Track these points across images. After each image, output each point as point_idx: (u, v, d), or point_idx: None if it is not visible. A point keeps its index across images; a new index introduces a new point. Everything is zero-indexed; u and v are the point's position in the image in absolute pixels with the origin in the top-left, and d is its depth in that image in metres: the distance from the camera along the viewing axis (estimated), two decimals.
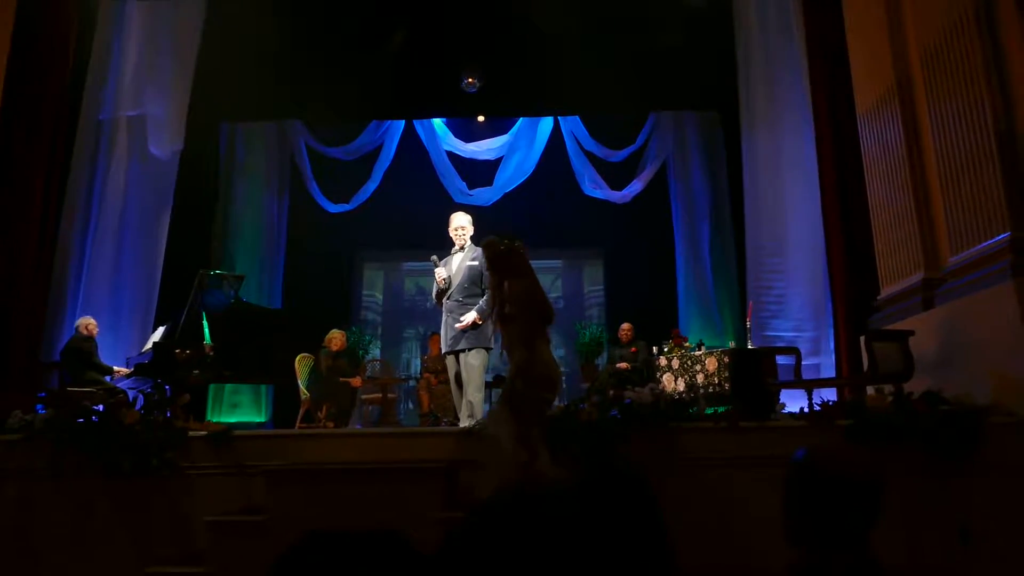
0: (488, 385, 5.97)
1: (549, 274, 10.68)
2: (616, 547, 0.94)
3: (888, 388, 4.00)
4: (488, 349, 4.57)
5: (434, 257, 4.90)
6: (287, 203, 9.16)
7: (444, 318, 4.73)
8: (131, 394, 5.12)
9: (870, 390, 4.19)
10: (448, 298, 4.73)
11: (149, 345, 5.76)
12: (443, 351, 4.73)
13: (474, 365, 4.47)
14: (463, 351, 4.55)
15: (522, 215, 9.14)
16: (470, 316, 4.51)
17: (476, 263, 4.61)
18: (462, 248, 4.84)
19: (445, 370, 7.29)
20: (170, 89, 7.27)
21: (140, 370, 5.48)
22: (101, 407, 4.03)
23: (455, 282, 4.71)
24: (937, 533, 3.34)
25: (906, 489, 3.34)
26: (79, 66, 6.76)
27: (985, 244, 4.02)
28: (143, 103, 7.27)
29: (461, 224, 4.88)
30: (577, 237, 9.52)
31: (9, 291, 5.62)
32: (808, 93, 6.37)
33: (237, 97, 7.90)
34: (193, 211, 8.06)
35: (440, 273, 4.77)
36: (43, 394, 5.23)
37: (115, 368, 6.02)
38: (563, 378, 4.59)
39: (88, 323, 6.12)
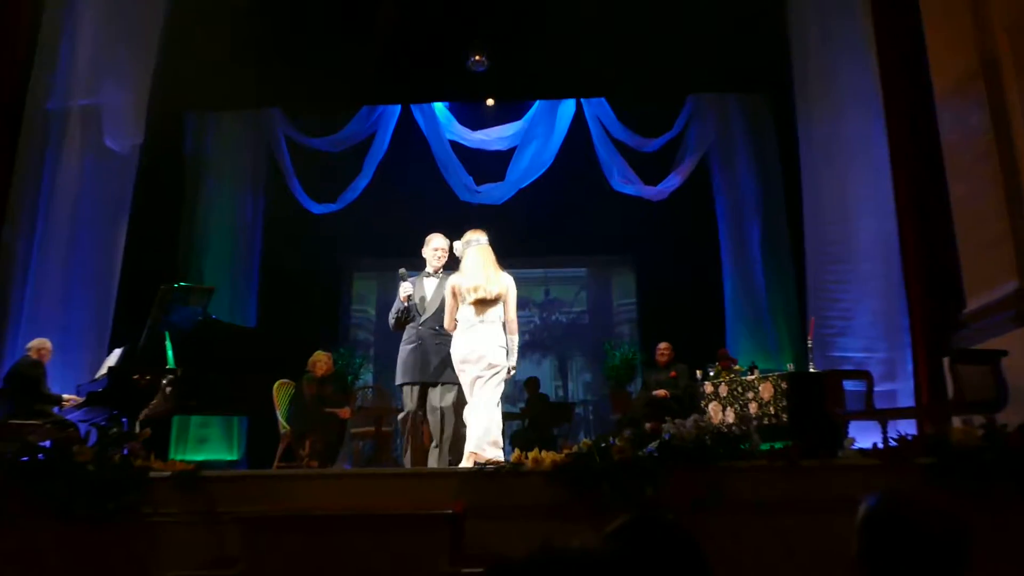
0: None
1: (572, 285, 10.72)
2: None
3: (977, 419, 3.97)
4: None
5: (403, 270, 5.05)
6: (263, 204, 9.26)
7: (414, 344, 4.89)
8: (83, 428, 5.16)
9: (956, 422, 4.15)
10: (421, 324, 4.93)
11: (104, 370, 5.78)
12: (411, 380, 4.87)
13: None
14: (447, 383, 4.79)
15: (539, 215, 9.20)
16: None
17: None
18: (436, 272, 5.06)
19: None
20: (129, 74, 7.34)
21: (93, 399, 5.51)
22: (49, 443, 4.06)
23: (429, 308, 4.95)
24: None
25: (998, 539, 3.29)
26: (27, 47, 6.85)
27: None
28: (98, 90, 7.32)
29: (443, 246, 5.08)
30: (604, 241, 9.56)
31: None
32: (876, 74, 6.36)
33: (206, 82, 7.99)
34: (155, 214, 8.14)
35: (406, 288, 4.94)
36: None
37: (64, 397, 6.01)
38: (581, 408, 4.88)
39: (42, 346, 6.09)
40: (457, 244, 4.85)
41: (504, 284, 4.60)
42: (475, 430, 4.43)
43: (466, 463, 4.35)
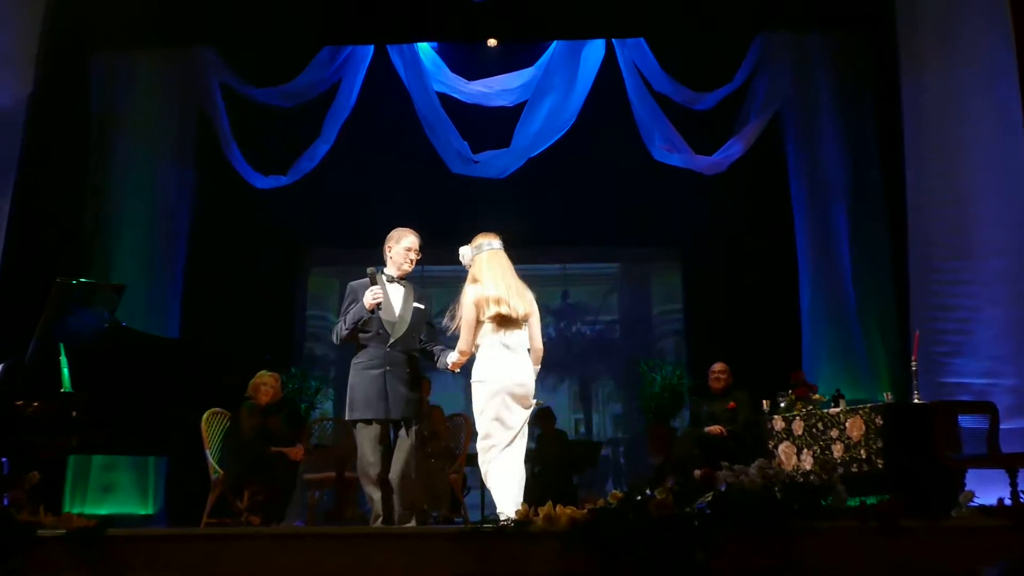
0: None
1: (598, 286, 10.73)
2: None
3: None
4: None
5: (373, 269, 5.15)
6: (192, 176, 9.25)
7: (379, 371, 5.01)
8: None
9: None
10: (390, 346, 5.05)
11: None
12: (373, 415, 4.99)
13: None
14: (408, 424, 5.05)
15: (555, 194, 9.19)
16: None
17: (423, 307, 5.22)
18: (402, 279, 5.21)
19: (434, 436, 7.43)
20: (13, 7, 7.33)
21: None
22: None
23: (400, 327, 5.11)
24: None
25: None
26: None
27: None
28: None
29: (414, 246, 5.23)
30: (642, 229, 9.56)
31: None
32: (1008, 12, 6.32)
33: (115, 15, 7.98)
34: (49, 187, 8.15)
35: (376, 294, 5.05)
36: None
37: None
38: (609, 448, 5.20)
39: None
40: (465, 250, 4.99)
41: (530, 301, 4.89)
42: (513, 489, 4.63)
43: None
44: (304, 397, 8.75)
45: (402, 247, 5.20)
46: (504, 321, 4.79)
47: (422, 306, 5.21)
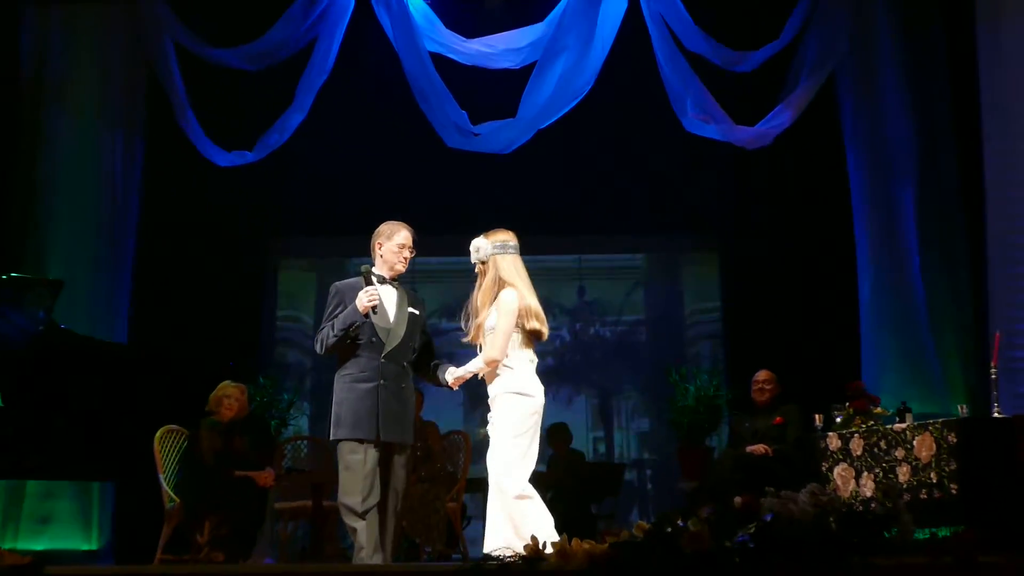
0: None
1: (620, 280, 10.74)
2: None
3: None
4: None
5: (368, 267, 5.18)
6: (141, 151, 9.25)
7: (373, 384, 5.04)
8: None
9: None
10: (384, 356, 5.09)
11: None
12: (366, 435, 5.02)
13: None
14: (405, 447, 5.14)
15: (568, 173, 9.23)
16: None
17: (418, 312, 5.29)
18: (395, 280, 5.23)
19: (428, 457, 7.43)
20: None
21: None
22: None
23: (395, 334, 5.16)
24: None
25: None
26: None
27: None
28: None
29: (409, 243, 5.24)
30: (672, 214, 9.58)
31: None
32: None
33: None
34: None
35: (372, 296, 5.04)
36: None
37: None
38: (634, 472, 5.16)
39: None
40: (483, 244, 5.01)
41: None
42: (545, 520, 4.73)
43: None
44: (275, 412, 8.76)
45: (395, 244, 5.20)
46: (536, 337, 4.97)
47: (417, 312, 5.25)
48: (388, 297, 5.19)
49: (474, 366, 4.96)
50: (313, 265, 10.03)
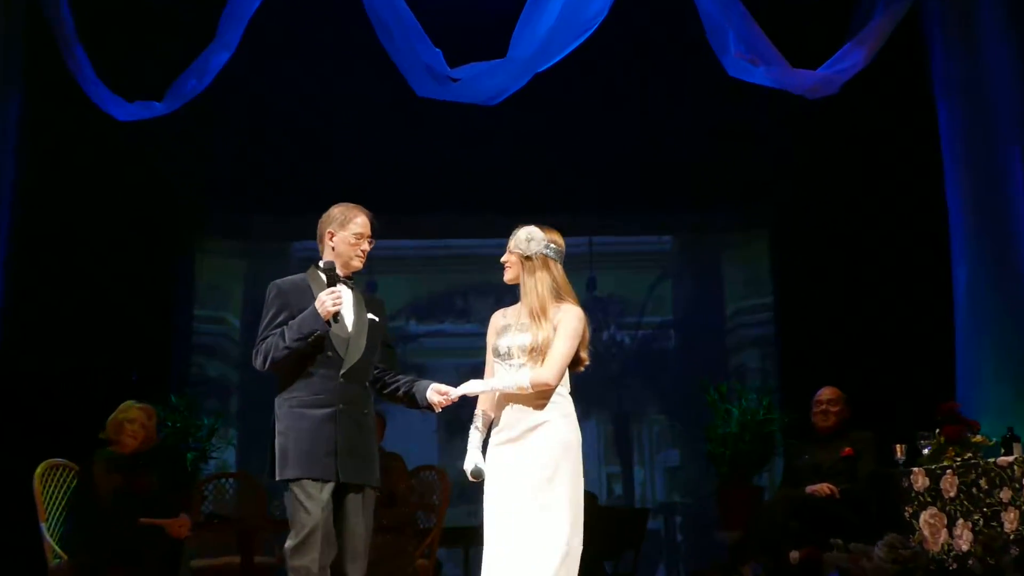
0: None
1: (643, 269, 10.74)
2: None
3: None
4: None
5: (331, 263, 5.14)
6: (18, 103, 9.16)
7: (329, 409, 5.02)
8: None
9: None
10: (343, 374, 5.06)
11: None
12: (321, 475, 4.98)
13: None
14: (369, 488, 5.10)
15: (575, 132, 9.20)
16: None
17: (378, 318, 5.33)
18: (349, 278, 5.22)
19: (392, 500, 7.40)
20: None
21: None
22: None
23: (355, 349, 5.17)
24: None
25: None
26: None
27: None
28: None
29: (367, 230, 5.24)
30: (709, 185, 9.62)
31: None
32: None
33: None
34: None
35: (335, 298, 5.02)
36: None
37: None
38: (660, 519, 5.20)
39: None
40: (536, 234, 5.01)
41: None
42: None
43: None
44: (192, 442, 8.77)
45: (350, 233, 5.17)
46: (578, 367, 5.11)
47: (377, 318, 5.27)
48: (343, 300, 5.14)
49: (501, 383, 4.93)
50: (241, 251, 10.01)
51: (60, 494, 6.71)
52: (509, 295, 5.16)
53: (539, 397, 4.90)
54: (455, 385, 5.02)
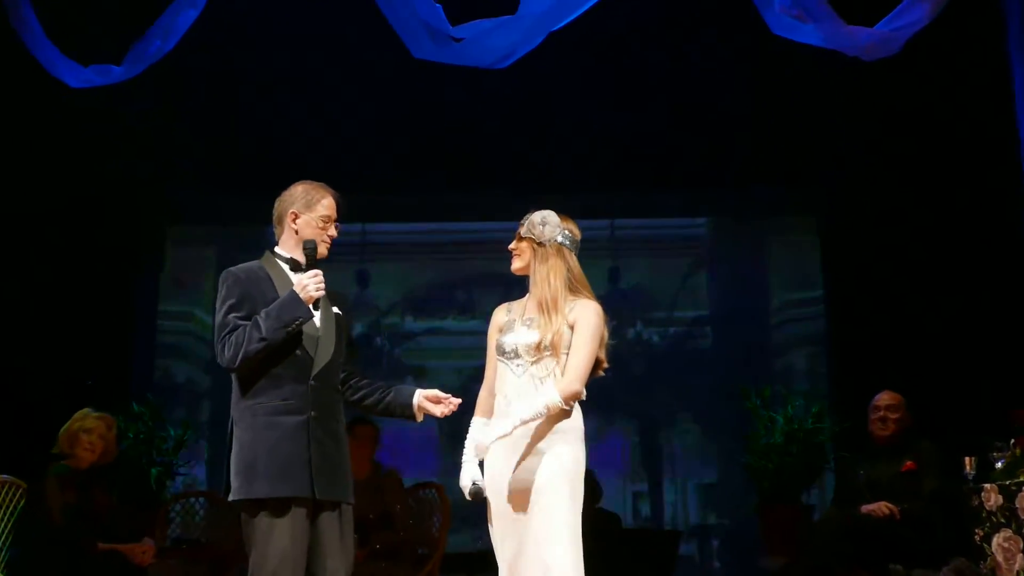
0: None
1: (674, 256, 10.77)
2: None
3: None
4: None
5: (312, 242, 5.14)
6: None
7: (301, 418, 5.01)
8: None
9: None
10: (314, 377, 5.07)
11: None
12: (296, 492, 4.96)
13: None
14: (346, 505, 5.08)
15: (594, 100, 9.32)
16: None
17: (341, 312, 5.35)
18: (313, 265, 5.18)
19: (387, 522, 7.50)
20: None
21: None
22: None
23: (324, 347, 5.18)
24: None
25: None
26: None
27: None
28: None
29: (334, 212, 5.25)
30: (750, 160, 9.70)
31: None
32: None
33: None
34: None
35: (319, 281, 5.06)
36: None
37: None
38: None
39: None
40: (554, 221, 5.10)
41: None
42: None
43: None
44: (156, 455, 8.83)
45: (317, 216, 5.20)
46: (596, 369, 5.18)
47: (340, 311, 5.30)
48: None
49: (529, 411, 4.87)
50: (212, 237, 10.09)
51: (6, 515, 6.66)
52: (519, 287, 5.19)
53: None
54: (455, 392, 5.07)
